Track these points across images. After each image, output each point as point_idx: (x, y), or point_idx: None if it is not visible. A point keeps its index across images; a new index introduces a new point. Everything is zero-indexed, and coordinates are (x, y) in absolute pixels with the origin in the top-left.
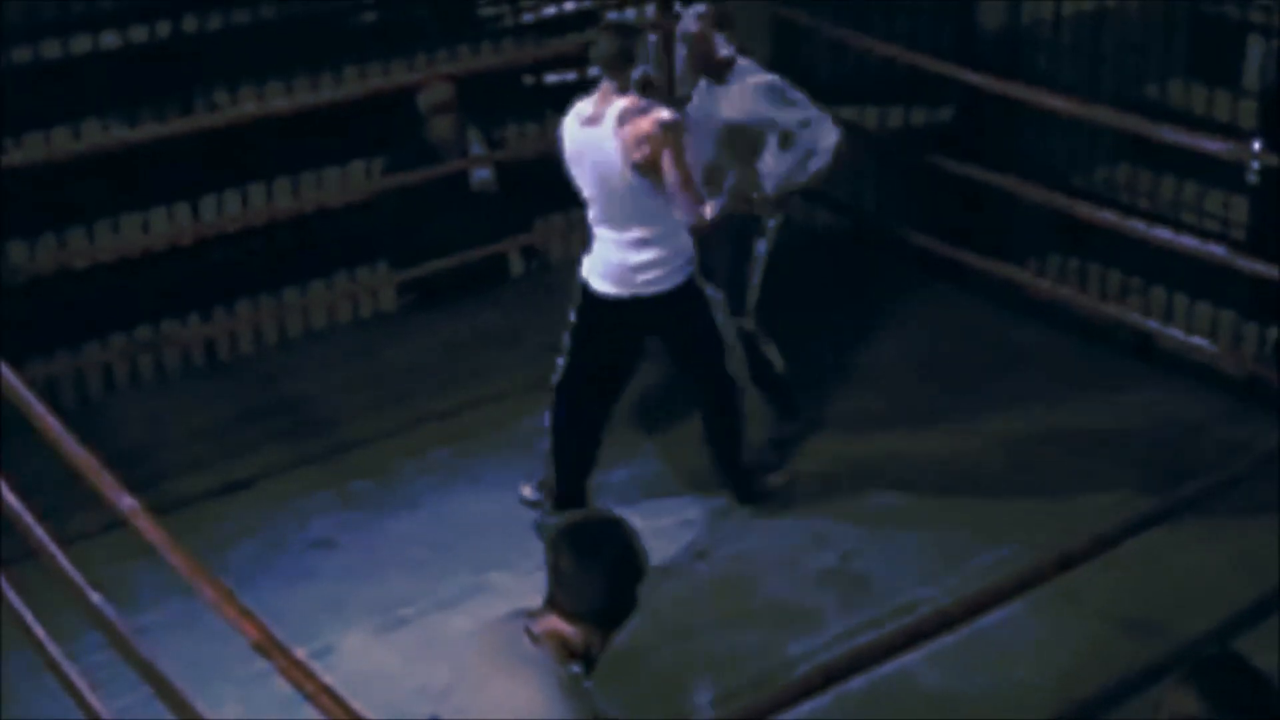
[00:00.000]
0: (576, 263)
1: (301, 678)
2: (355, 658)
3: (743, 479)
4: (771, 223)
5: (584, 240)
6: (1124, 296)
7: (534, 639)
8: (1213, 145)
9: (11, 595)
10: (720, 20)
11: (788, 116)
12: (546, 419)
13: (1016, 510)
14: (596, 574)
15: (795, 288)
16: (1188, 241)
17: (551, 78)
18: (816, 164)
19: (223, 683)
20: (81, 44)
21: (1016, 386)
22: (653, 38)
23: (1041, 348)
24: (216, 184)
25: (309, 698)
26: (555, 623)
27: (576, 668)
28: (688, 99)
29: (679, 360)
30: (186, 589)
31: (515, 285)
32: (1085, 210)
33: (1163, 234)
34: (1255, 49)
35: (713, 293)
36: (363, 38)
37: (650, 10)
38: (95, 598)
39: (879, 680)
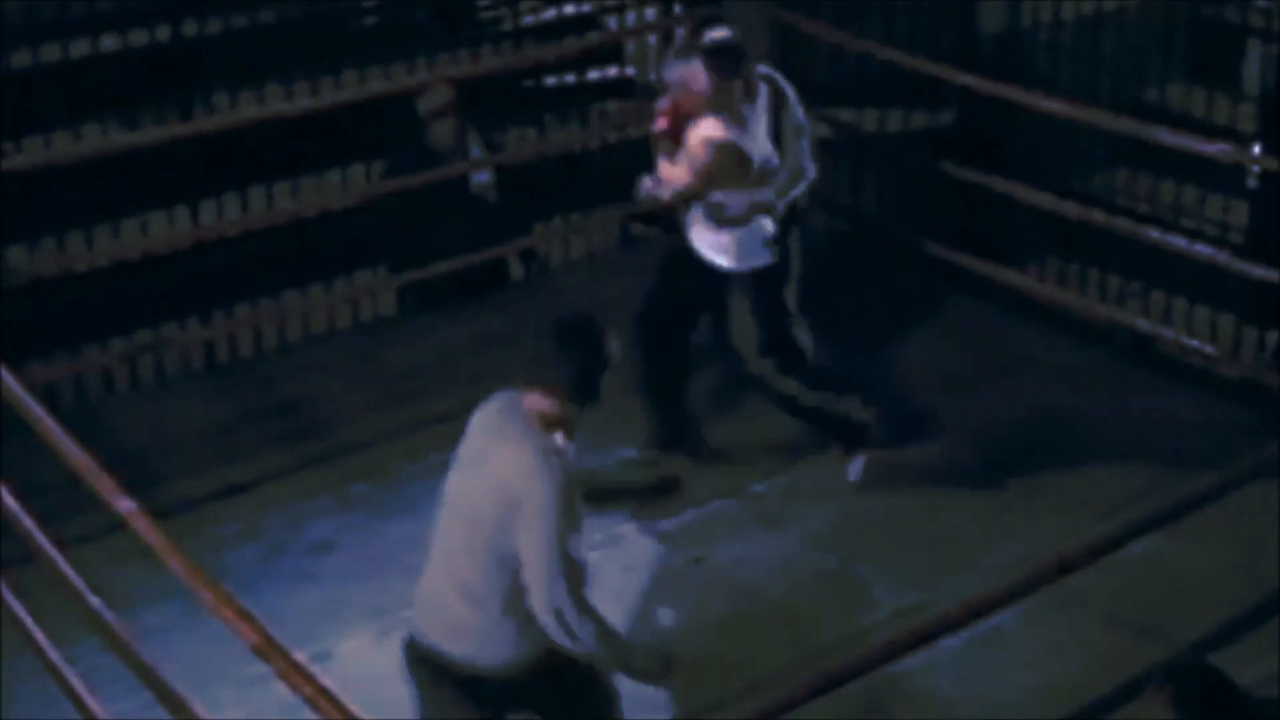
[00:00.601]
0: (574, 265)
1: (301, 681)
2: (354, 661)
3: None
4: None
5: (583, 243)
6: (1123, 300)
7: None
8: (1212, 149)
9: (11, 598)
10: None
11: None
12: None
13: (1016, 514)
14: (572, 356)
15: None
16: (1186, 245)
17: (551, 81)
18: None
19: (222, 686)
20: (81, 47)
21: (1016, 389)
22: (652, 40)
23: (1041, 351)
24: (216, 187)
25: (308, 701)
26: (537, 399)
27: None
28: None
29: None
30: (186, 592)
31: (515, 289)
32: (1084, 214)
33: (1162, 237)
34: (1255, 52)
35: None
36: (362, 41)
37: (650, 13)
38: (94, 600)
39: (880, 684)
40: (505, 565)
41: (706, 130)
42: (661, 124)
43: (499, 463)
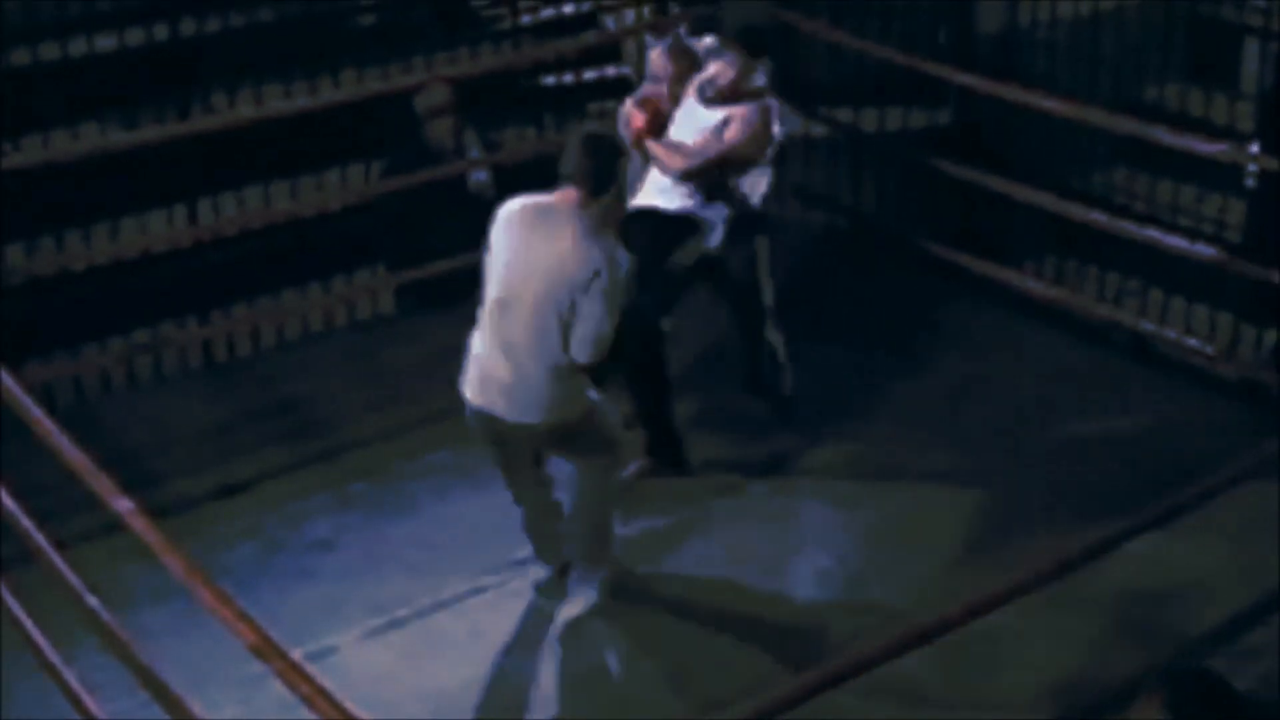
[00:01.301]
0: None
1: (299, 680)
2: (353, 659)
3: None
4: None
5: None
6: (1121, 299)
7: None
8: (1210, 148)
9: (9, 598)
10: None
11: None
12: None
13: (1015, 512)
14: (595, 157)
15: (792, 289)
16: (1185, 244)
17: (549, 80)
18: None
19: (220, 685)
20: (79, 46)
21: (1014, 388)
22: (649, 38)
23: (1039, 350)
24: (214, 186)
25: (306, 700)
26: (573, 193)
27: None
28: None
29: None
30: (184, 591)
31: None
32: (1082, 212)
33: (1160, 237)
34: (1252, 51)
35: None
36: (361, 40)
37: (647, 10)
38: (92, 600)
39: (878, 683)
40: (561, 329)
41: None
42: (638, 122)
43: (564, 247)
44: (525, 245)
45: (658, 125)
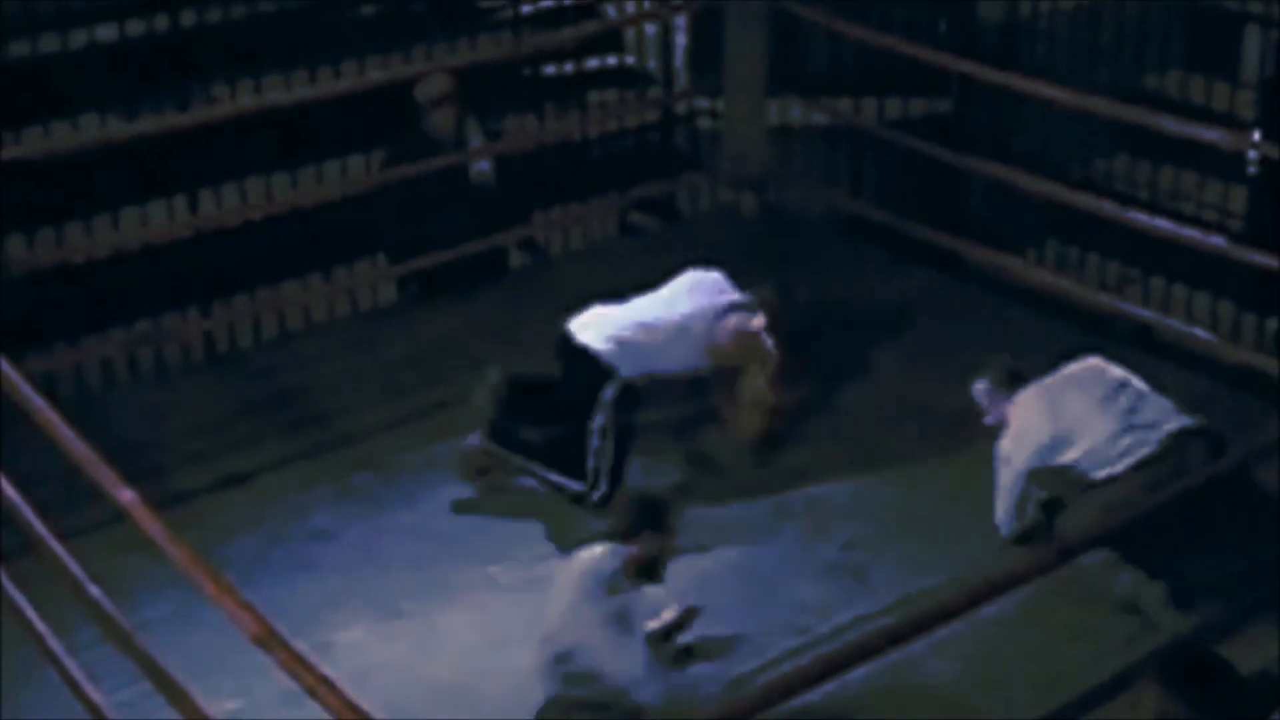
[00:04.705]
0: (574, 254)
1: (301, 671)
2: (355, 651)
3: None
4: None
5: (582, 234)
6: (1123, 286)
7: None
8: (1211, 135)
9: (11, 589)
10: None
11: None
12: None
13: None
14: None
15: (792, 278)
16: (1186, 231)
17: (550, 70)
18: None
19: (222, 676)
20: (79, 38)
21: None
22: (651, 28)
23: (1040, 337)
24: (215, 177)
25: (309, 691)
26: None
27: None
28: None
29: None
30: (186, 582)
31: (514, 278)
32: (1083, 200)
33: (1161, 224)
34: (1253, 40)
35: None
36: (361, 31)
37: (649, 1)
38: (95, 591)
39: (880, 671)
40: None
41: None
42: None
43: None
44: None
45: None
